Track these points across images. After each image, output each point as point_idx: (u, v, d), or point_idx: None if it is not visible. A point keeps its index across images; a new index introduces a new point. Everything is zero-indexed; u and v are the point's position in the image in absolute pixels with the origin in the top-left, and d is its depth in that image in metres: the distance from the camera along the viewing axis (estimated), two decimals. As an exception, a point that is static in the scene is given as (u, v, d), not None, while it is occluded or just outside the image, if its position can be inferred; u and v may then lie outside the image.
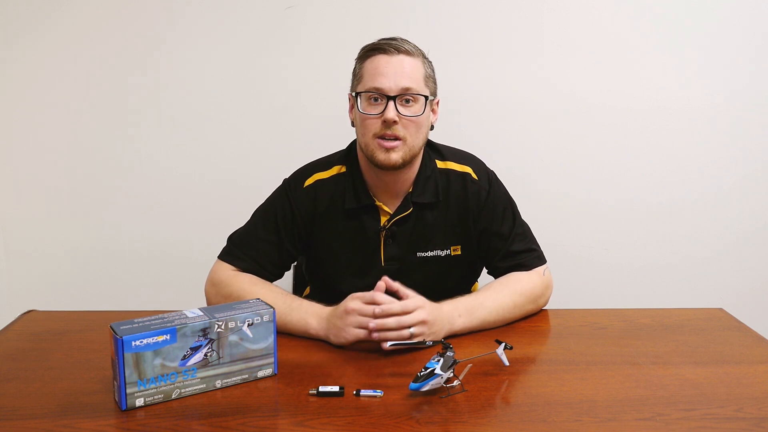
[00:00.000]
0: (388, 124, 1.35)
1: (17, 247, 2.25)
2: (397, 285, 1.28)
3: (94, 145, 2.18)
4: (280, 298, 1.35)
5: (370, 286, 1.31)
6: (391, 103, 1.35)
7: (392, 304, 1.23)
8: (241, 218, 1.54)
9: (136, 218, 2.23)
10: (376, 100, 1.37)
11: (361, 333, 1.23)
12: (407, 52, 1.38)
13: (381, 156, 1.37)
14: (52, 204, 2.22)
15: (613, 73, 2.18)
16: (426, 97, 1.39)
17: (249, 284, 1.41)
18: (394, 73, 1.35)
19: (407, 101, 1.37)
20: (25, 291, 2.26)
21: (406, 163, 1.40)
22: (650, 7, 2.14)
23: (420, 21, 2.13)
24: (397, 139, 1.37)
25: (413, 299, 1.26)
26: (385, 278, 1.28)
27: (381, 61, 1.37)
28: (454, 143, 1.58)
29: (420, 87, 1.38)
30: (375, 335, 1.21)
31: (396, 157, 1.37)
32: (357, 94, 1.40)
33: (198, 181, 2.22)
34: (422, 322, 1.24)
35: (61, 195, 2.21)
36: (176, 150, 2.19)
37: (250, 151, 2.20)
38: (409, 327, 1.22)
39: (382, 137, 1.37)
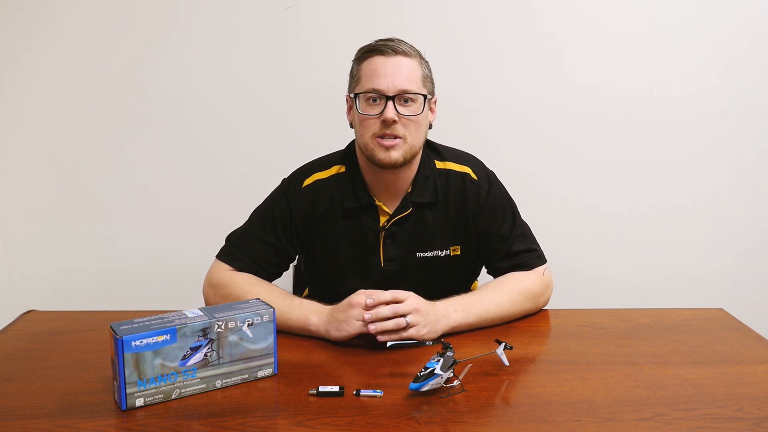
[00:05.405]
0: (387, 123, 1.36)
1: (17, 248, 2.25)
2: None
3: (93, 145, 2.18)
4: (279, 297, 1.35)
5: (369, 287, 1.31)
6: (390, 103, 1.35)
7: (383, 292, 1.26)
8: (239, 218, 1.54)
9: (136, 218, 2.23)
10: (374, 100, 1.37)
11: (364, 326, 1.24)
12: (404, 53, 1.38)
13: (381, 155, 1.38)
14: (52, 204, 2.22)
15: (616, 76, 2.17)
16: (424, 97, 1.39)
17: (248, 284, 1.41)
18: (392, 74, 1.36)
19: (406, 101, 1.37)
20: (25, 291, 2.26)
21: (406, 161, 1.40)
22: (656, 10, 2.14)
23: (421, 21, 2.12)
24: (396, 137, 1.37)
25: (403, 291, 1.28)
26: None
27: (378, 62, 1.37)
28: (456, 142, 1.58)
29: (418, 87, 1.38)
30: (371, 327, 1.22)
31: (396, 155, 1.38)
32: (356, 95, 1.40)
33: (197, 181, 2.22)
34: (416, 310, 1.26)
35: (60, 195, 2.21)
36: (175, 150, 2.19)
37: (249, 151, 2.20)
38: (404, 316, 1.24)
39: (382, 136, 1.37)
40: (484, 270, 1.61)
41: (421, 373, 1.07)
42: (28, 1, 2.08)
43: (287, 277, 1.64)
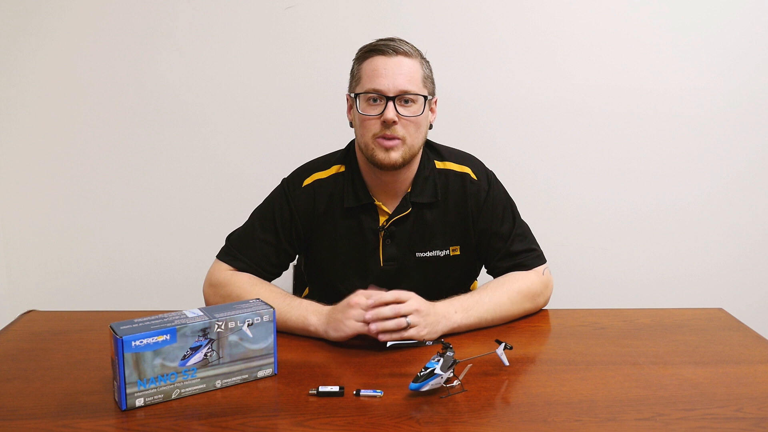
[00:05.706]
0: (387, 124, 1.36)
1: (17, 248, 2.25)
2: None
3: (93, 145, 2.18)
4: (279, 297, 1.35)
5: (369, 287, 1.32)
6: (390, 103, 1.35)
7: (385, 293, 1.26)
8: (240, 218, 1.54)
9: (136, 218, 2.23)
10: (375, 100, 1.37)
11: (361, 326, 1.24)
12: (405, 53, 1.38)
13: (381, 155, 1.38)
14: (52, 204, 2.22)
15: (616, 76, 2.17)
16: (425, 97, 1.39)
17: (249, 284, 1.41)
18: (393, 74, 1.36)
19: (406, 101, 1.37)
20: (25, 291, 2.26)
21: (405, 162, 1.40)
22: (656, 10, 2.14)
23: (421, 21, 2.12)
24: (396, 138, 1.37)
25: (404, 292, 1.28)
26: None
27: (379, 62, 1.37)
28: (456, 142, 1.58)
29: (418, 87, 1.38)
30: (372, 327, 1.22)
31: (396, 156, 1.38)
32: (356, 95, 1.40)
33: (197, 181, 2.21)
34: (417, 311, 1.26)
35: (60, 195, 2.21)
36: (175, 150, 2.19)
37: (249, 151, 2.20)
38: (405, 316, 1.24)
39: (382, 137, 1.37)
40: (484, 270, 1.61)
41: (421, 373, 1.07)
42: (28, 1, 2.08)
43: (287, 277, 1.64)
